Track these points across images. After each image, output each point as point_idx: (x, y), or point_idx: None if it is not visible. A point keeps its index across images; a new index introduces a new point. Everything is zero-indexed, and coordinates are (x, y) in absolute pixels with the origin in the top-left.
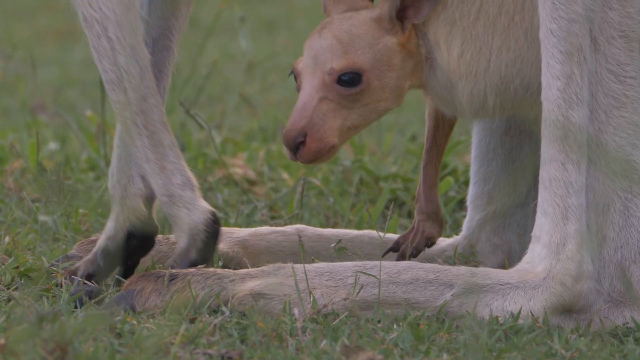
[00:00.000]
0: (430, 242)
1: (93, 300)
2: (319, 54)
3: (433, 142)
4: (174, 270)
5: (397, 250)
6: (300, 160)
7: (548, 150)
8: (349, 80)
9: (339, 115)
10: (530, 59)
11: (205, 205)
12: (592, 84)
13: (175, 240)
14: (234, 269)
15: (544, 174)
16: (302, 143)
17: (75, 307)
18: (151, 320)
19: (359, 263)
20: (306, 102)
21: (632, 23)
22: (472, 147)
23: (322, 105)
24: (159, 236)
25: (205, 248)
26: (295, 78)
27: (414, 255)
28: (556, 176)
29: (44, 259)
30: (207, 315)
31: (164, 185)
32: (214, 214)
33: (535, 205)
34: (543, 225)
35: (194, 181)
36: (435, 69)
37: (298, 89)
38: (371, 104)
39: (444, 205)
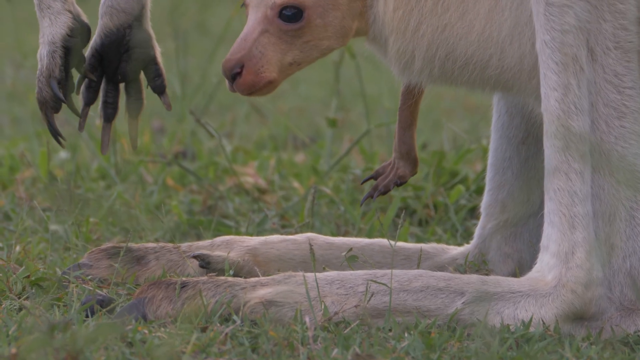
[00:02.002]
0: (400, 181)
1: (104, 309)
2: None
3: (409, 85)
4: (185, 279)
5: (377, 179)
6: (238, 92)
7: (551, 161)
8: (291, 15)
9: (279, 49)
10: (459, 31)
11: (67, 19)
12: (592, 94)
13: (39, 52)
14: (245, 277)
15: (549, 184)
16: (239, 74)
17: (87, 316)
18: (162, 329)
19: (370, 271)
20: (247, 34)
21: (626, 35)
22: (489, 154)
23: (262, 39)
24: (169, 245)
25: (67, 64)
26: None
27: (383, 192)
28: (560, 186)
29: (56, 268)
30: (218, 324)
31: None
32: (72, 30)
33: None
34: (551, 235)
35: None
36: (375, 18)
37: (246, 15)
38: (313, 41)
39: (454, 214)
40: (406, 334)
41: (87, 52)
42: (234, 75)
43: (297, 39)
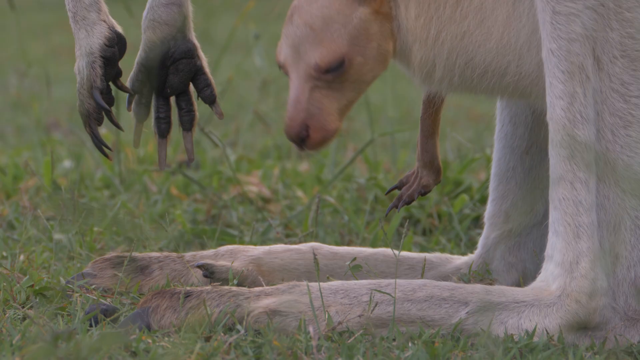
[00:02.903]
0: (424, 190)
1: (108, 319)
2: (297, 44)
3: (430, 94)
4: (189, 288)
5: (401, 189)
6: (309, 151)
7: (556, 170)
8: (333, 68)
9: (333, 98)
10: (477, 39)
11: (103, 29)
12: (598, 102)
13: (76, 65)
14: (249, 287)
15: (554, 194)
16: (307, 136)
17: (91, 325)
18: (166, 338)
19: (374, 281)
20: (298, 96)
21: (633, 43)
22: (492, 164)
23: (314, 95)
24: (173, 254)
25: (107, 74)
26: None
27: (407, 202)
28: (565, 196)
29: (60, 278)
30: (222, 334)
31: (72, 2)
32: (109, 39)
33: (548, 225)
34: (555, 245)
35: (103, 5)
36: (400, 27)
37: (285, 72)
38: (360, 77)
39: (458, 223)
40: (410, 344)
41: (134, 67)
42: (302, 138)
43: (345, 82)
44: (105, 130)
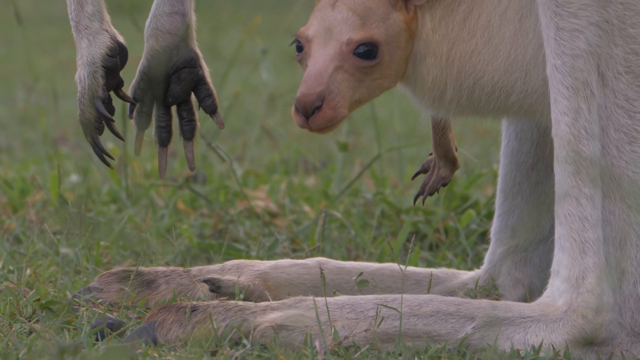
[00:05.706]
0: (444, 182)
1: (114, 333)
2: (333, 25)
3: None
4: (195, 303)
5: (426, 172)
6: (311, 127)
7: (561, 186)
8: (365, 52)
9: (351, 86)
10: (485, 57)
11: (105, 39)
12: (602, 118)
13: (78, 74)
14: (255, 301)
15: (559, 210)
16: (318, 108)
17: (97, 339)
18: (172, 352)
19: (380, 296)
20: (321, 69)
21: (637, 59)
22: (498, 180)
23: (337, 75)
24: (180, 268)
25: (108, 84)
26: (298, 47)
27: (431, 194)
28: (571, 212)
29: (67, 292)
30: (228, 348)
31: (75, 11)
32: (111, 49)
33: (554, 240)
34: (561, 260)
35: (106, 15)
36: (418, 37)
37: (299, 58)
38: (379, 79)
39: (465, 238)
40: (416, 359)
41: (136, 76)
42: (313, 109)
43: (368, 76)
44: (112, 145)
